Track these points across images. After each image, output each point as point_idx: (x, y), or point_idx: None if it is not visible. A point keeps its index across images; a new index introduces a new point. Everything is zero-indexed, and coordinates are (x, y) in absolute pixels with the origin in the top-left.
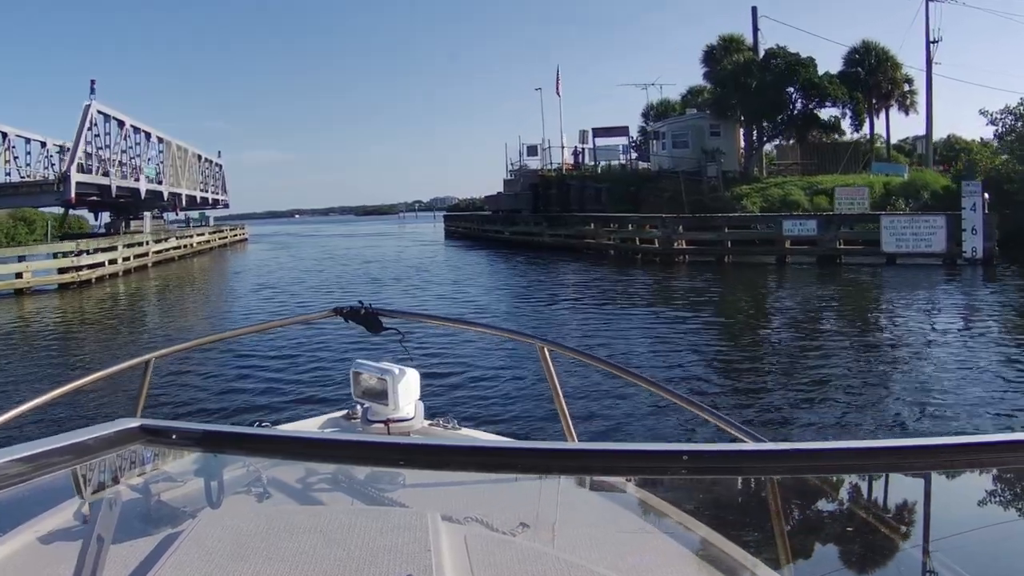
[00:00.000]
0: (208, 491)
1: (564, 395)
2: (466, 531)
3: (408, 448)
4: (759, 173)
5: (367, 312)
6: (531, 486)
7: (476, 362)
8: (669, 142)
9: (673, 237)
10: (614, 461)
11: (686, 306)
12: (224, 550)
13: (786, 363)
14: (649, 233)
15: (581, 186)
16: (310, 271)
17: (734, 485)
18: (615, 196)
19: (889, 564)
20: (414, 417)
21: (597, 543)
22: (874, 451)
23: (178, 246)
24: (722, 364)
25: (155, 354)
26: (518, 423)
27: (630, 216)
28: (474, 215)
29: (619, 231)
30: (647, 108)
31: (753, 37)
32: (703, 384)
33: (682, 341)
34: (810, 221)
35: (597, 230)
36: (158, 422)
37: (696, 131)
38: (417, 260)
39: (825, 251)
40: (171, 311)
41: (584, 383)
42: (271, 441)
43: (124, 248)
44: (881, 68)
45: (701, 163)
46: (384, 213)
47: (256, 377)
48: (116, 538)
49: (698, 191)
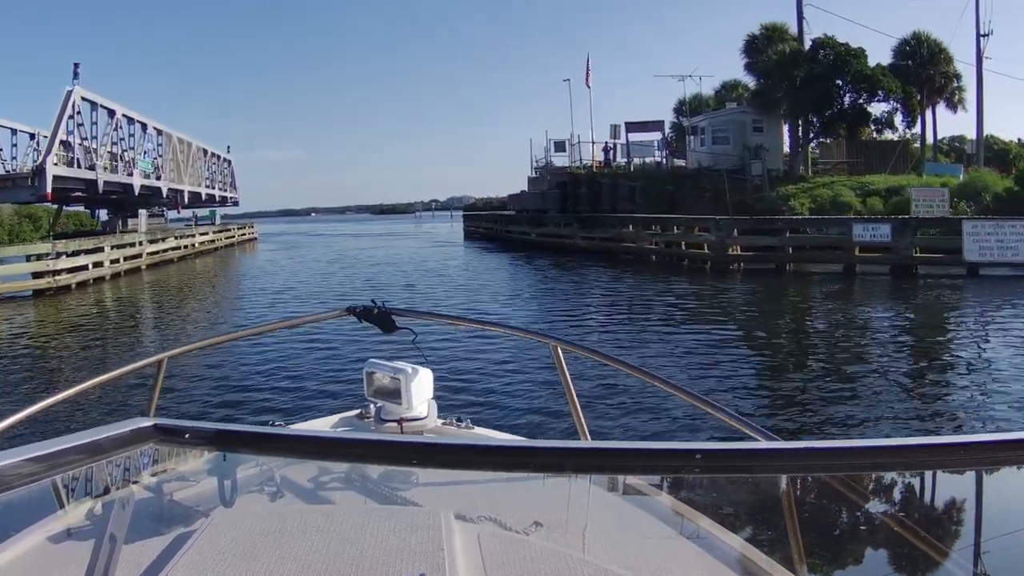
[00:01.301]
0: (221, 490)
1: (577, 394)
2: (479, 530)
3: (421, 447)
4: (805, 172)
5: (380, 311)
6: (544, 485)
7: (489, 361)
8: (709, 138)
9: (728, 242)
10: (627, 460)
11: (750, 323)
12: (237, 550)
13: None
14: (699, 237)
15: (613, 185)
16: (312, 276)
17: (748, 484)
18: (650, 196)
19: (903, 564)
20: (427, 416)
21: (611, 542)
22: (887, 450)
23: (177, 246)
24: (822, 408)
25: (168, 353)
26: (531, 422)
27: (676, 217)
28: (496, 215)
29: (663, 234)
30: (679, 103)
31: (798, 26)
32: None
33: (749, 368)
34: (883, 226)
35: (638, 233)
36: (171, 421)
37: (738, 126)
38: (435, 263)
39: (900, 259)
40: (140, 327)
41: (597, 382)
42: (284, 440)
43: (113, 249)
44: (934, 61)
45: (745, 161)
46: (401, 212)
47: (269, 377)
48: (129, 538)
49: (741, 191)
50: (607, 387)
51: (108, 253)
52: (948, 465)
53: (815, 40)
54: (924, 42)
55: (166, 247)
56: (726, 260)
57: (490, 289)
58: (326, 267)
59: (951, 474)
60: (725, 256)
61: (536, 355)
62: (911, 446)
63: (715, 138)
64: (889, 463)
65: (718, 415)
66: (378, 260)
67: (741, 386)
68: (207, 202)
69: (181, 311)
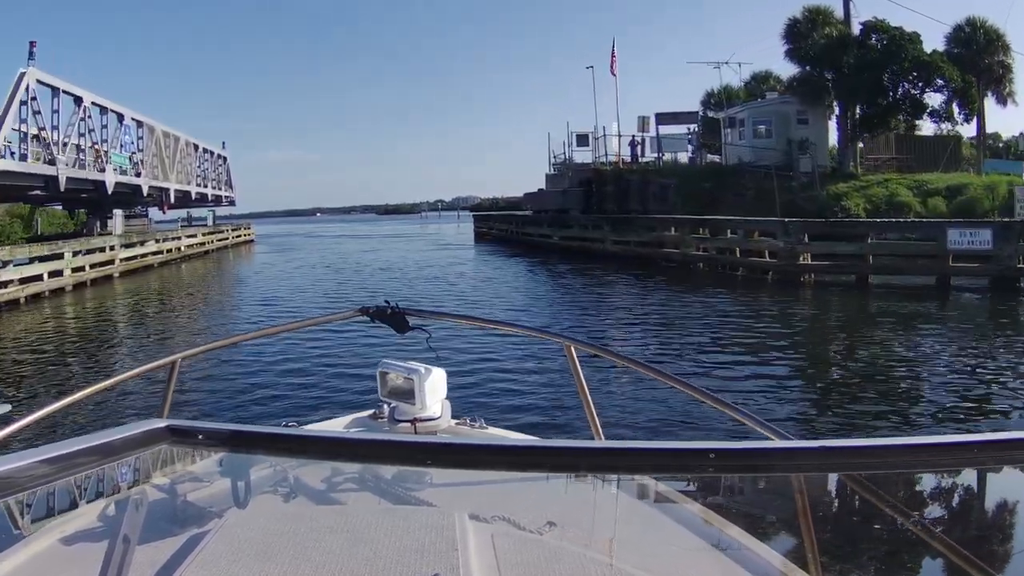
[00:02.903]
0: (235, 491)
1: (590, 393)
2: (493, 530)
3: (435, 447)
4: (854, 168)
5: (394, 311)
6: (558, 485)
7: (503, 361)
8: (749, 131)
9: (799, 248)
10: (641, 459)
11: (847, 356)
12: (251, 550)
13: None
14: (760, 242)
15: (643, 182)
16: (293, 289)
17: (761, 483)
18: (685, 195)
19: (916, 563)
20: (441, 416)
21: (625, 541)
22: (904, 449)
23: (159, 250)
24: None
25: (181, 354)
26: (545, 422)
27: (733, 219)
28: (510, 215)
29: (715, 239)
30: (706, 96)
31: (844, 9)
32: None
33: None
34: (983, 231)
35: (683, 236)
36: (185, 422)
37: (781, 118)
38: (442, 270)
39: (1003, 270)
40: (82, 353)
41: (611, 381)
42: (297, 441)
43: (76, 256)
44: (990, 49)
45: (791, 155)
46: (406, 212)
47: (282, 377)
48: (143, 538)
49: (786, 189)
50: (621, 386)
51: (69, 260)
52: (967, 464)
53: (864, 24)
54: (980, 28)
55: (145, 252)
56: (795, 271)
57: (525, 310)
58: (322, 273)
59: (970, 473)
60: (794, 266)
61: (550, 355)
62: (928, 445)
63: (756, 131)
64: (906, 462)
65: (732, 414)
66: (381, 265)
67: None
68: (199, 202)
69: (143, 330)
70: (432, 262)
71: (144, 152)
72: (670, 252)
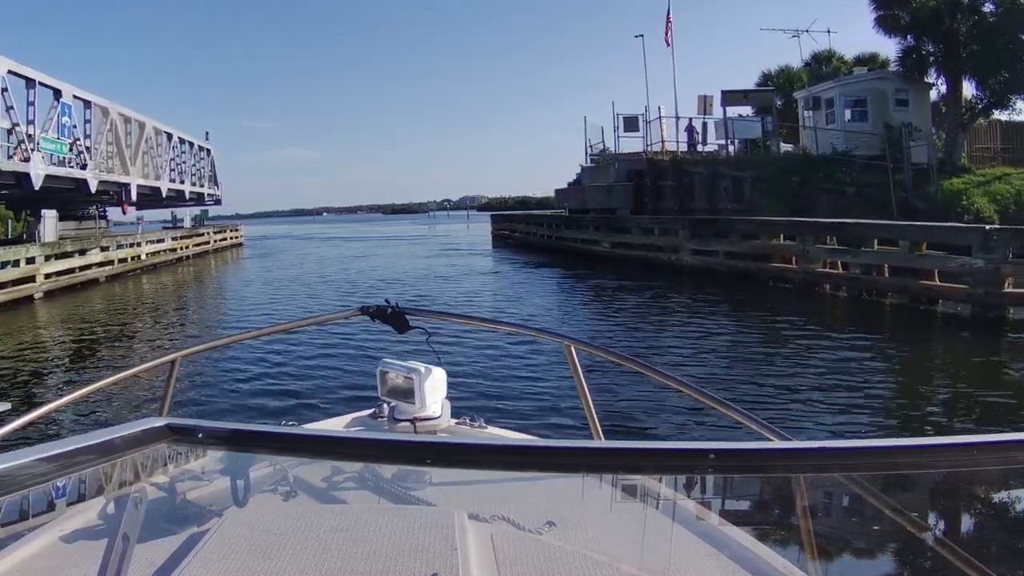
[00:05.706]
0: (234, 490)
1: (590, 393)
2: (493, 530)
3: (435, 447)
4: (966, 160)
5: (394, 311)
6: (558, 485)
7: (503, 361)
8: (840, 112)
9: (1003, 271)
10: (641, 460)
11: None
12: (250, 549)
13: None
14: (940, 261)
15: (711, 175)
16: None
17: (761, 484)
18: (770, 190)
19: (916, 563)
20: (441, 416)
21: (624, 542)
22: (902, 450)
23: (108, 260)
24: None
25: (181, 353)
26: (545, 422)
27: (882, 224)
28: (538, 216)
29: (859, 253)
30: (762, 78)
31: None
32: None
33: None
34: None
35: (804, 247)
36: (184, 421)
37: (878, 97)
38: (455, 292)
39: None
40: None
41: (611, 381)
42: (297, 440)
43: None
44: None
45: (890, 143)
46: (413, 211)
47: (282, 376)
48: (142, 537)
49: (899, 185)
50: (621, 386)
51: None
52: (967, 465)
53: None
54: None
55: (86, 263)
56: (996, 303)
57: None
58: (286, 294)
59: (968, 474)
60: (998, 296)
61: (550, 355)
62: (927, 446)
63: (848, 114)
64: (906, 463)
65: (732, 414)
66: (380, 275)
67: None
68: (173, 200)
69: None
70: (445, 274)
71: (93, 139)
72: (784, 269)
